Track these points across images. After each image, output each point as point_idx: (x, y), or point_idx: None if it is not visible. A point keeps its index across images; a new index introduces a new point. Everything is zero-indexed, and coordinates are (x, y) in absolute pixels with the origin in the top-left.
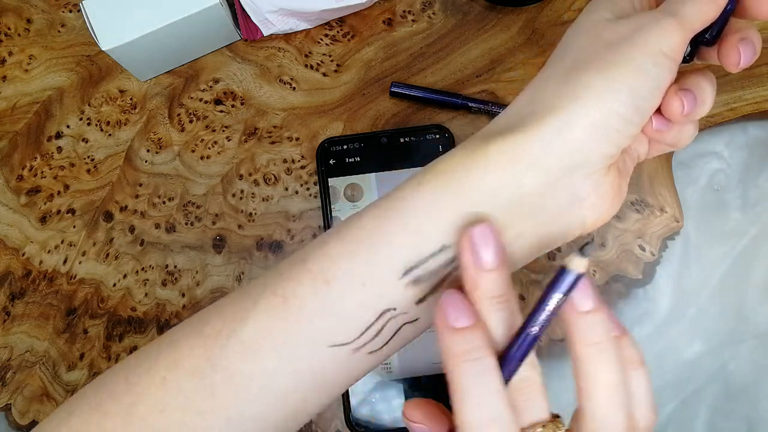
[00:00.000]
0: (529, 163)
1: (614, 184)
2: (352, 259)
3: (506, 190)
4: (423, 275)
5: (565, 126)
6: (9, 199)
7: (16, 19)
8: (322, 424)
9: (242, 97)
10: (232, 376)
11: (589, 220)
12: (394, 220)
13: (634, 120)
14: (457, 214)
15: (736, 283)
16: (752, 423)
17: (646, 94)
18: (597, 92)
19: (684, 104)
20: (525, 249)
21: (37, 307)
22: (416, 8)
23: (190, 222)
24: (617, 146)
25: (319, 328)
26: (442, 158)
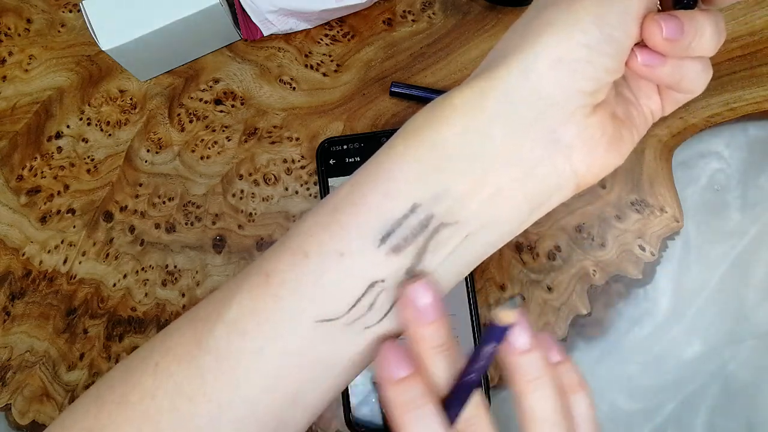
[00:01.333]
0: (495, 106)
1: (606, 129)
2: (326, 229)
3: (473, 140)
4: (400, 241)
5: (528, 63)
6: (9, 199)
7: (16, 19)
8: (322, 424)
9: (242, 97)
10: (219, 358)
11: (581, 170)
12: (365, 186)
13: (605, 50)
14: (423, 170)
15: (736, 283)
16: (752, 423)
17: (614, 21)
18: (560, 25)
19: (663, 28)
20: (513, 207)
21: (37, 307)
22: (416, 8)
23: (190, 222)
24: (593, 81)
25: (303, 302)
26: (412, 117)
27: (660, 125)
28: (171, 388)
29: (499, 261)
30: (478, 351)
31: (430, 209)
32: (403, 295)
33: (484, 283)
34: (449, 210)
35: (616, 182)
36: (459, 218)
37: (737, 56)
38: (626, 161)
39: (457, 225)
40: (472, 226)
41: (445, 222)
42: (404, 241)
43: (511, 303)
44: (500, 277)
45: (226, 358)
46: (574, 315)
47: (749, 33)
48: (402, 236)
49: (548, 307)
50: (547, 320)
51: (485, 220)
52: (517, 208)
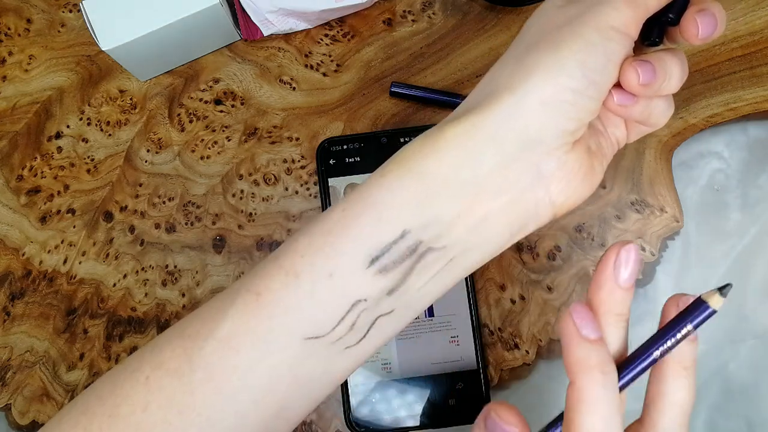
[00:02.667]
0: (485, 142)
1: (582, 162)
2: (319, 251)
3: (464, 170)
4: (388, 264)
5: (518, 103)
6: (9, 199)
7: (16, 19)
8: (322, 424)
9: (242, 97)
10: (210, 373)
11: (558, 200)
12: (358, 211)
13: (588, 93)
14: (415, 198)
15: (736, 283)
16: (752, 423)
17: (597, 67)
18: (547, 68)
19: (639, 74)
20: (495, 233)
21: (37, 307)
22: (416, 8)
23: (190, 222)
24: (576, 121)
25: (293, 320)
26: (404, 147)
27: None
28: (163, 401)
29: (499, 261)
30: (674, 328)
31: (419, 235)
32: (610, 251)
33: (484, 283)
34: (437, 236)
35: (616, 182)
36: (446, 243)
37: (737, 56)
38: (626, 161)
39: (443, 249)
40: (457, 250)
41: (432, 247)
42: (392, 264)
43: (727, 290)
44: (500, 277)
45: (218, 374)
46: None
47: (749, 33)
48: (391, 259)
49: (548, 307)
50: (547, 320)
51: (470, 245)
52: (500, 234)
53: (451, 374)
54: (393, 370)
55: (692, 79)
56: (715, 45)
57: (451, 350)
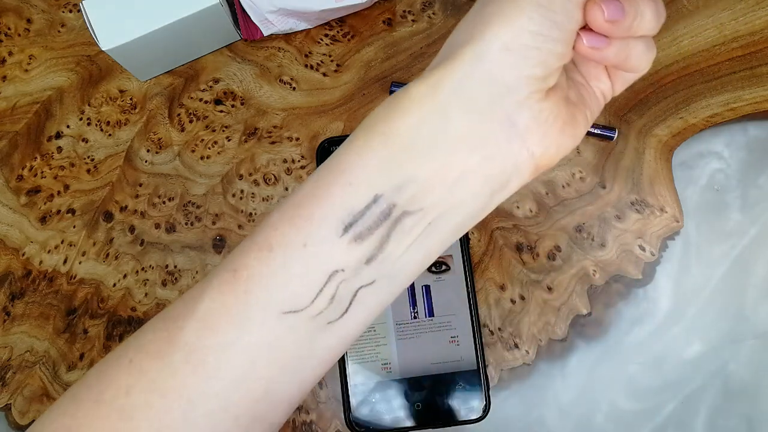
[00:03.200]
0: (450, 96)
1: (560, 111)
2: (291, 222)
3: (432, 128)
4: (363, 231)
5: (479, 53)
6: (9, 199)
7: (16, 19)
8: (322, 424)
9: (242, 97)
10: (190, 353)
11: (537, 152)
12: (328, 180)
13: (551, 35)
14: (384, 161)
15: (736, 283)
16: (752, 423)
17: (557, 7)
18: (506, 14)
19: (604, 11)
20: (474, 192)
21: (37, 307)
22: (416, 8)
23: (190, 222)
24: (543, 66)
25: (269, 295)
26: (372, 112)
27: (660, 125)
28: (145, 384)
29: (499, 261)
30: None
31: (393, 198)
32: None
33: (484, 283)
34: (412, 198)
35: (616, 182)
36: (422, 205)
37: (737, 56)
38: (626, 161)
39: (420, 212)
40: (435, 212)
41: (408, 210)
42: (367, 230)
43: None
44: (500, 277)
45: (196, 353)
46: (574, 315)
47: (749, 33)
48: (365, 226)
49: (548, 307)
50: (547, 320)
51: (448, 206)
52: (479, 193)
53: (451, 374)
54: (393, 370)
55: (692, 79)
56: (715, 45)
57: (451, 350)
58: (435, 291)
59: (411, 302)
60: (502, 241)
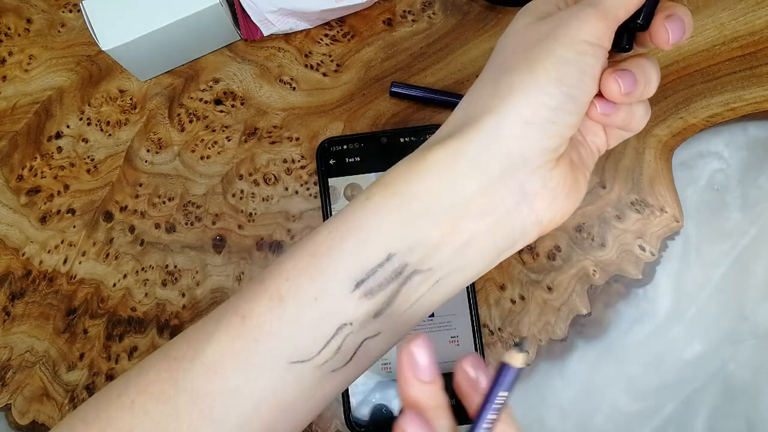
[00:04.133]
0: (468, 165)
1: (566, 177)
2: (304, 274)
3: (448, 194)
4: (374, 287)
5: (498, 125)
6: (9, 199)
7: (16, 19)
8: (322, 424)
9: (242, 97)
10: (195, 397)
11: (545, 217)
12: (343, 235)
13: (567, 109)
14: (399, 221)
15: (736, 283)
16: (752, 423)
17: (573, 82)
18: (525, 89)
19: (620, 84)
20: (483, 254)
21: (37, 307)
22: (416, 8)
23: (190, 222)
24: (557, 138)
25: (278, 345)
26: (389, 171)
27: (660, 125)
28: (148, 426)
29: None
30: (488, 400)
31: (405, 258)
32: (403, 351)
33: (484, 283)
34: (423, 258)
35: (616, 182)
36: (431, 265)
37: (737, 56)
38: (626, 161)
39: (429, 272)
40: (444, 271)
41: (418, 269)
42: (378, 287)
43: (524, 343)
44: (500, 277)
45: (203, 398)
46: (574, 315)
47: (749, 33)
48: (376, 282)
49: (548, 307)
50: (547, 320)
51: (456, 266)
52: (486, 255)
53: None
54: (393, 370)
55: (692, 79)
56: (715, 45)
57: (451, 350)
58: None
59: None
60: None
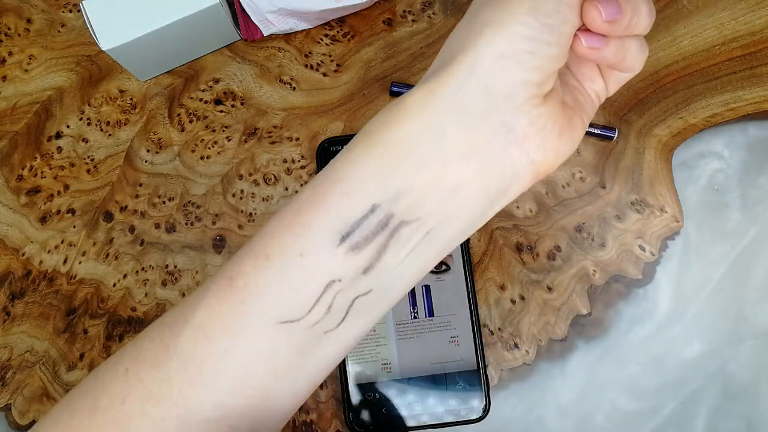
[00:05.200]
0: (446, 106)
1: (557, 116)
2: (288, 231)
3: (429, 137)
4: (360, 240)
5: (474, 61)
6: (9, 199)
7: (16, 19)
8: (322, 424)
9: (242, 97)
10: (186, 361)
11: (537, 158)
12: (326, 189)
13: (545, 39)
14: (381, 170)
15: (736, 283)
16: (752, 423)
17: (549, 11)
18: (499, 21)
19: (602, 11)
20: (474, 200)
21: (37, 307)
22: (416, 8)
23: (190, 222)
24: (539, 71)
25: (266, 304)
26: (369, 121)
27: (660, 125)
28: (140, 392)
29: (499, 261)
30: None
31: (390, 208)
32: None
33: (484, 283)
34: (409, 208)
35: (616, 182)
36: (419, 215)
37: (737, 56)
38: (626, 161)
39: (417, 222)
40: (433, 222)
41: (405, 220)
42: (364, 240)
43: None
44: (500, 277)
45: (192, 361)
46: (574, 315)
47: (749, 33)
48: (362, 236)
49: (548, 307)
50: (547, 320)
51: (446, 215)
52: (477, 201)
53: (451, 374)
54: (393, 370)
55: (692, 79)
56: (715, 45)
57: (451, 350)
58: (435, 291)
59: (411, 302)
60: (502, 241)
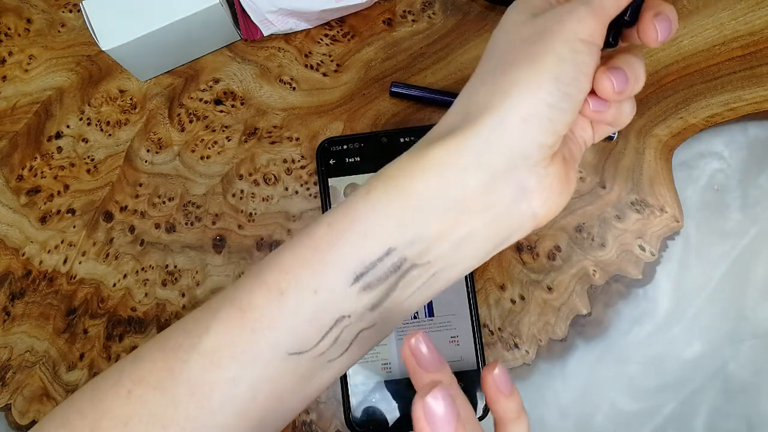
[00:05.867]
0: (470, 163)
1: (560, 173)
2: (304, 268)
3: (450, 190)
4: (373, 281)
5: (499, 123)
6: (9, 199)
7: (16, 19)
8: (322, 424)
9: (242, 97)
10: (193, 387)
11: (540, 212)
12: (343, 228)
13: (564, 107)
14: (399, 216)
15: (736, 283)
16: (752, 423)
17: (570, 80)
18: (524, 86)
19: (614, 82)
20: (480, 248)
21: (37, 307)
22: (416, 8)
23: (190, 222)
24: (554, 135)
25: (277, 336)
26: (389, 165)
27: (660, 125)
28: (145, 416)
29: (499, 261)
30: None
31: (404, 252)
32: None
33: (484, 283)
34: (421, 252)
35: (616, 182)
36: (429, 259)
37: (737, 56)
38: (626, 161)
39: (427, 265)
40: (440, 265)
41: (416, 263)
42: (377, 281)
43: None
44: (500, 277)
45: (200, 388)
46: (574, 315)
47: (749, 33)
48: (375, 276)
49: (548, 307)
50: (547, 320)
51: (453, 260)
52: (483, 248)
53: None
54: (393, 370)
55: (692, 79)
56: (715, 45)
57: (451, 350)
58: None
59: None
60: None
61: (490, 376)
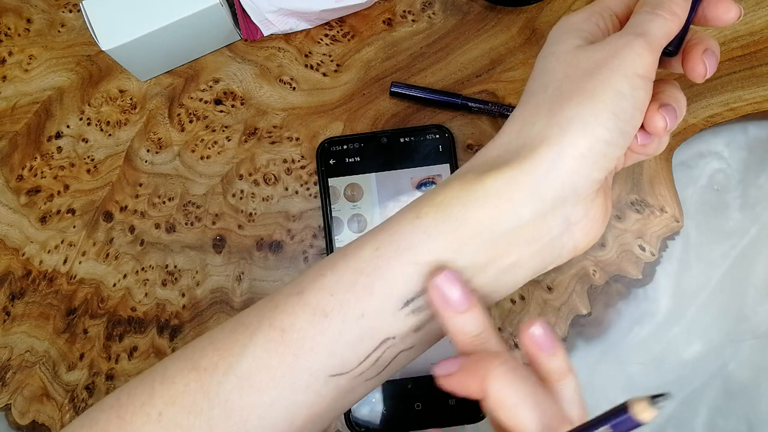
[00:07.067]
0: (526, 196)
1: (602, 205)
2: (350, 291)
3: (504, 221)
4: (422, 306)
5: (557, 158)
6: (9, 199)
7: (16, 19)
8: None
9: (242, 97)
10: (230, 410)
11: (581, 244)
12: (392, 254)
13: (619, 143)
14: (453, 244)
15: (736, 283)
16: (752, 423)
17: (628, 117)
18: (583, 122)
19: (666, 120)
20: (520, 276)
21: (37, 307)
22: (416, 8)
23: (190, 222)
24: (606, 170)
25: (319, 360)
26: (438, 190)
27: None
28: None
29: None
30: (591, 428)
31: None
32: (432, 287)
33: None
34: (469, 279)
35: (616, 182)
36: (475, 285)
37: (737, 56)
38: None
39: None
40: (484, 291)
41: None
42: (425, 305)
43: (660, 400)
44: None
45: (237, 411)
46: (574, 315)
47: (749, 33)
48: (424, 301)
49: (548, 307)
50: (547, 320)
51: (495, 287)
52: (523, 277)
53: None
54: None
55: None
56: None
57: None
58: None
59: None
60: None
61: (527, 334)
